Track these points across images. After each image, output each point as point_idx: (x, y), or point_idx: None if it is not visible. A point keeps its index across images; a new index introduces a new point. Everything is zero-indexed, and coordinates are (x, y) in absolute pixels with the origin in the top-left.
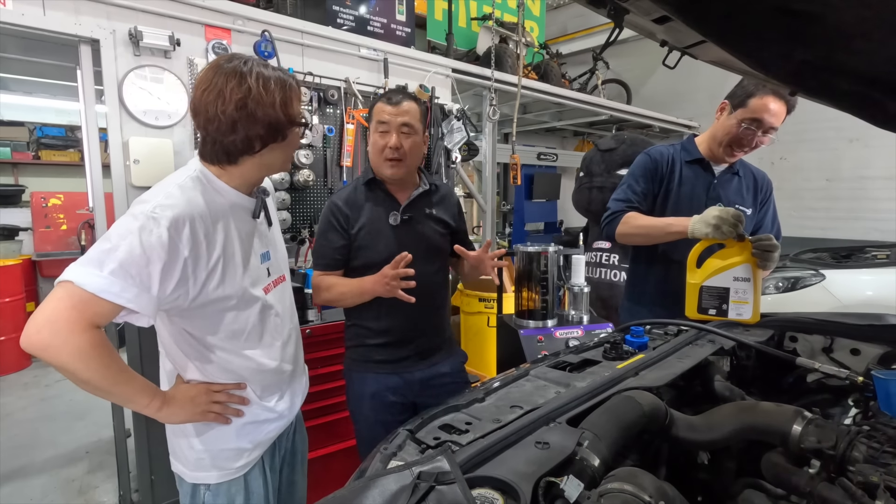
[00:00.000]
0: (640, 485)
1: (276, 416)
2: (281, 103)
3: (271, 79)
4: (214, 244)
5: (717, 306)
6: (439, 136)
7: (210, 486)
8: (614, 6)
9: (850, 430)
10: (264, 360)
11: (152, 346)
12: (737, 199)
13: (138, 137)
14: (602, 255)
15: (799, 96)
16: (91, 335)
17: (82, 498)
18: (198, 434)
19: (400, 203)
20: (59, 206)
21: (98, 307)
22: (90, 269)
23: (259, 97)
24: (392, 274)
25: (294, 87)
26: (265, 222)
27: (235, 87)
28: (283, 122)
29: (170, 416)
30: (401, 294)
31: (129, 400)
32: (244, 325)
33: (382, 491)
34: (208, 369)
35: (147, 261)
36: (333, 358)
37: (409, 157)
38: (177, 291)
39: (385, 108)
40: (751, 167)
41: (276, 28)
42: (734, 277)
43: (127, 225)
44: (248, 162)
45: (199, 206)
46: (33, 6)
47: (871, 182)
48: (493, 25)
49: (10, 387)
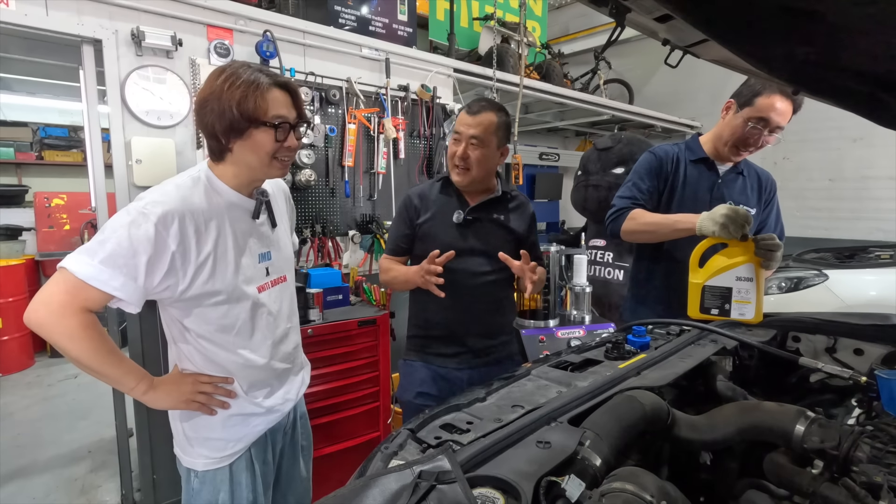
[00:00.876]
0: (642, 484)
1: (264, 412)
2: (239, 101)
3: (241, 78)
4: (205, 241)
5: (719, 306)
6: (441, 136)
7: (198, 473)
8: (616, 5)
9: (854, 430)
10: (253, 357)
11: (152, 343)
12: (741, 198)
13: (141, 137)
14: (597, 252)
15: (802, 95)
16: (81, 318)
17: (85, 497)
18: (185, 420)
19: (469, 204)
20: (62, 206)
21: (88, 293)
22: (84, 257)
23: (219, 93)
24: (427, 267)
25: (264, 86)
26: (267, 223)
27: (209, 84)
28: (236, 119)
29: (154, 401)
30: (433, 288)
31: (117, 381)
32: (234, 320)
33: (383, 490)
34: (194, 357)
35: (134, 252)
36: (335, 357)
37: (476, 168)
38: (165, 283)
39: (463, 118)
40: (755, 167)
41: (278, 28)
42: (737, 277)
43: (120, 219)
44: (229, 159)
45: (192, 204)
46: (36, 6)
47: (874, 182)
48: (495, 25)
49: (14, 386)
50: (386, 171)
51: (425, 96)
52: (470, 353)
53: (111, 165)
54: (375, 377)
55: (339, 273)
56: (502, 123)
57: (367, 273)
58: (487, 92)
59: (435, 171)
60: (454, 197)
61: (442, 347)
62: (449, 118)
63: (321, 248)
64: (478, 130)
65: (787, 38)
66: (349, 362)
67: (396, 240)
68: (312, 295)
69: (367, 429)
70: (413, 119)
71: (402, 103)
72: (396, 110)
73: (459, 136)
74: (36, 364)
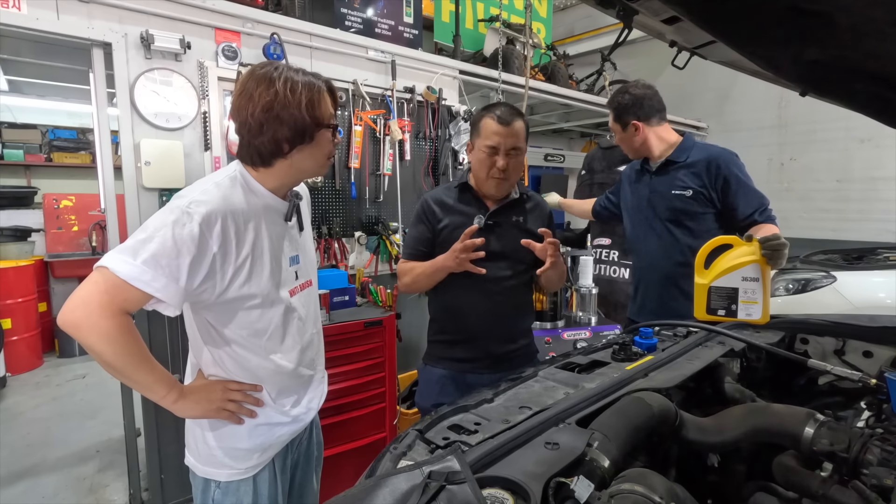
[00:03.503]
0: (651, 486)
1: (290, 420)
2: (307, 105)
3: (299, 82)
4: (244, 242)
5: (726, 307)
6: (447, 137)
7: (220, 484)
8: (623, 7)
9: (863, 432)
10: (283, 363)
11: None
12: (672, 185)
13: (149, 139)
14: (602, 251)
15: (810, 96)
16: (119, 320)
17: (93, 496)
18: (212, 429)
19: (488, 208)
20: (71, 207)
21: (128, 293)
22: (125, 257)
23: (285, 100)
24: (461, 247)
25: (322, 89)
26: (297, 226)
27: (264, 91)
28: (307, 123)
29: (185, 410)
30: (470, 266)
31: (148, 388)
32: (267, 325)
33: (393, 490)
34: (225, 362)
35: (177, 253)
36: (343, 358)
37: (514, 176)
38: (204, 285)
39: (495, 129)
40: (709, 151)
41: (285, 31)
42: (743, 277)
43: (163, 218)
44: (279, 165)
45: (232, 204)
46: (47, 10)
47: (882, 183)
48: (500, 27)
49: (23, 386)
50: (392, 173)
51: (431, 98)
52: (490, 357)
53: (120, 167)
54: (381, 378)
55: (346, 274)
56: (527, 127)
57: (373, 274)
58: (493, 93)
59: (440, 172)
60: (473, 202)
61: (462, 352)
62: (454, 120)
63: (327, 250)
64: (517, 141)
65: (795, 39)
66: (355, 363)
67: (416, 243)
68: (319, 296)
69: (373, 430)
70: (419, 121)
71: (407, 105)
72: (402, 112)
73: (497, 147)
74: (45, 364)
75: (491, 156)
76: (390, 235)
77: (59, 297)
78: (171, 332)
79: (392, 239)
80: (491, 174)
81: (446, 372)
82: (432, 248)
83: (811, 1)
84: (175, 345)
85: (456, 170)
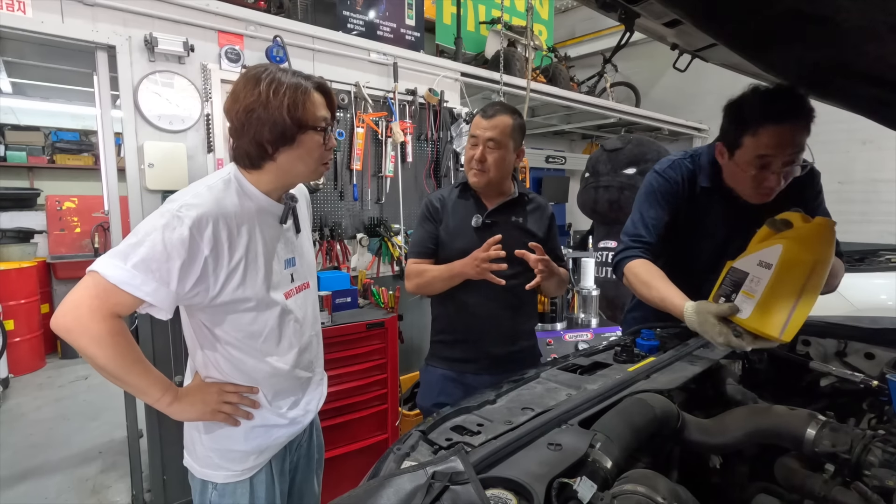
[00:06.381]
0: (654, 487)
1: (287, 423)
2: (289, 107)
3: (284, 83)
4: (237, 245)
5: (727, 294)
6: (448, 139)
7: (217, 486)
8: (625, 10)
9: (865, 434)
10: (279, 365)
11: (162, 347)
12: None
13: (153, 142)
14: (608, 254)
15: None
16: (110, 323)
17: (95, 497)
18: (207, 431)
19: (487, 208)
20: (73, 209)
21: (119, 297)
22: (116, 261)
23: (266, 101)
24: (483, 256)
25: (309, 90)
26: (292, 228)
27: (249, 91)
28: (288, 125)
29: (180, 413)
30: (490, 276)
31: (142, 391)
32: (262, 327)
33: (397, 490)
34: (221, 365)
35: (167, 257)
36: (345, 359)
37: (493, 170)
38: (196, 288)
39: (479, 122)
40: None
41: (288, 33)
42: (759, 261)
43: (154, 222)
44: (268, 167)
45: (225, 207)
46: (52, 14)
47: (884, 185)
48: (502, 29)
49: (25, 387)
50: (394, 175)
51: (433, 100)
52: (490, 358)
53: (123, 169)
54: (384, 380)
55: (348, 276)
56: (517, 125)
57: (374, 276)
58: (494, 95)
59: (442, 174)
60: (472, 201)
61: (462, 352)
62: (456, 122)
63: (329, 251)
64: (494, 133)
65: (795, 42)
66: (357, 365)
67: (424, 241)
68: (321, 298)
69: (375, 431)
70: (420, 123)
71: (409, 107)
72: (404, 114)
73: (476, 140)
74: (47, 365)
75: (472, 147)
76: (392, 237)
77: (61, 298)
78: (174, 335)
79: (394, 241)
80: (470, 165)
81: (446, 372)
82: (440, 245)
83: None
84: (178, 347)
85: (458, 172)
